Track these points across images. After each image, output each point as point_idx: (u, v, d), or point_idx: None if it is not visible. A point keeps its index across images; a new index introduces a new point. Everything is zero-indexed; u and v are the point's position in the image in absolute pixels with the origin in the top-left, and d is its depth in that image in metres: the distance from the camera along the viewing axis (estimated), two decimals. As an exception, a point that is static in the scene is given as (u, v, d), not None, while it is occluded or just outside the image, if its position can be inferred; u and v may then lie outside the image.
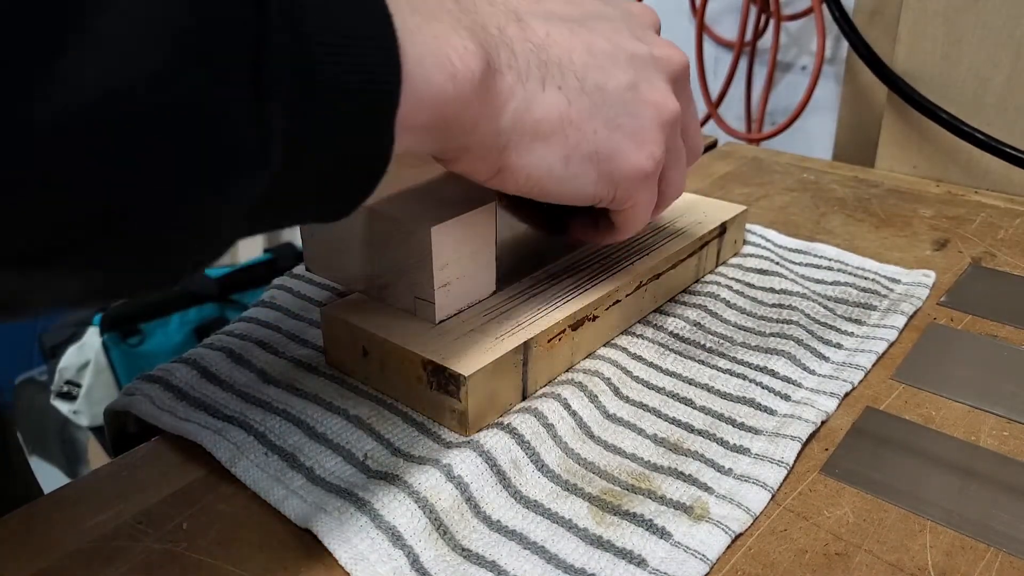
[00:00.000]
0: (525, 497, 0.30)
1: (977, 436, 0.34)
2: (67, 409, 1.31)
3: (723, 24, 1.47)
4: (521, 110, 0.27)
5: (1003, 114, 0.60)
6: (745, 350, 0.39)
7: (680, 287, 0.43)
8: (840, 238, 0.53)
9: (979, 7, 0.59)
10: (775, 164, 0.68)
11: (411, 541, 0.27)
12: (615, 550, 0.27)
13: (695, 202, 0.48)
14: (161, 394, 0.35)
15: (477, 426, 0.32)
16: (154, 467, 0.32)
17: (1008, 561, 0.28)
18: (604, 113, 0.29)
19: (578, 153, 0.29)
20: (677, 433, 0.34)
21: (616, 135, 0.30)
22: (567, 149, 0.28)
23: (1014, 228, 0.55)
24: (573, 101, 0.28)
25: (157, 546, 0.28)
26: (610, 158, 0.30)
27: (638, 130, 0.30)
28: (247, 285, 1.39)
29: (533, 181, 0.28)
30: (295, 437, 0.32)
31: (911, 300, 0.44)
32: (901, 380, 0.38)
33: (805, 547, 0.28)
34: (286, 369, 0.37)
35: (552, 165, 0.28)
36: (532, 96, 0.27)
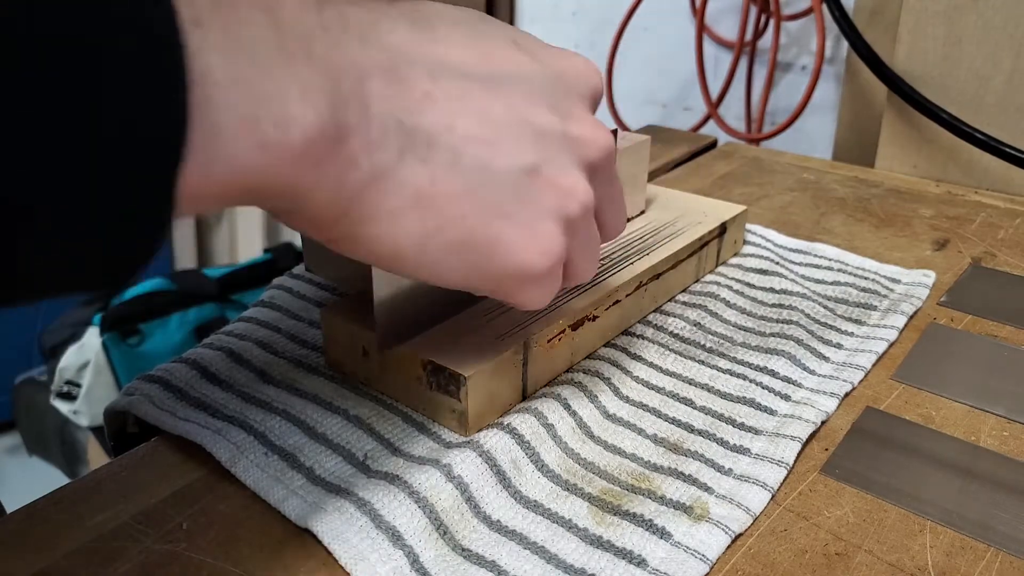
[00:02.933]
0: (525, 497, 0.30)
1: (977, 436, 0.34)
2: (67, 409, 1.31)
3: (723, 24, 1.47)
4: (370, 181, 0.22)
5: (1003, 114, 0.60)
6: (745, 350, 0.39)
7: (680, 287, 0.43)
8: (840, 238, 0.53)
9: (979, 7, 0.59)
10: (775, 164, 0.68)
11: (411, 541, 0.27)
12: (615, 550, 0.27)
13: (695, 202, 0.48)
14: (161, 394, 0.35)
15: (477, 426, 0.32)
16: (154, 467, 0.32)
17: (1008, 561, 0.28)
18: (483, 197, 0.24)
19: (438, 240, 0.24)
20: (677, 433, 0.34)
21: (497, 225, 0.25)
22: (422, 233, 0.24)
23: (1014, 228, 0.55)
24: (438, 179, 0.23)
25: (157, 546, 0.28)
26: (486, 251, 0.25)
27: (530, 222, 0.25)
28: (247, 285, 1.39)
29: (382, 259, 0.24)
30: (295, 437, 0.32)
31: (911, 300, 0.44)
32: (901, 380, 0.38)
33: (805, 547, 0.28)
34: (286, 369, 0.37)
35: (403, 247, 0.24)
36: (382, 166, 0.22)
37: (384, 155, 0.22)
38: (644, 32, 1.46)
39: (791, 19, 1.40)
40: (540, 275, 0.26)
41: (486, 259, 0.25)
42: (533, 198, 0.25)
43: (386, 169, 0.22)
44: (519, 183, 0.25)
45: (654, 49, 1.50)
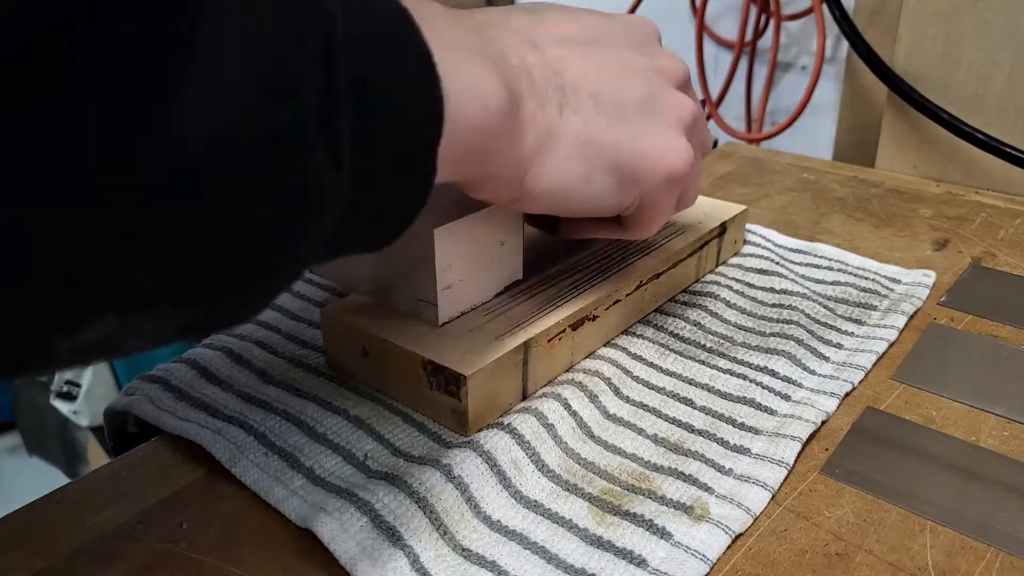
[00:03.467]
0: (525, 497, 0.30)
1: (977, 436, 0.34)
2: (67, 409, 1.31)
3: (723, 24, 1.47)
4: (542, 135, 0.28)
5: (1003, 114, 0.60)
6: (745, 350, 0.39)
7: (680, 287, 0.43)
8: (840, 238, 0.53)
9: (979, 7, 0.59)
10: (775, 164, 0.68)
11: (411, 541, 0.27)
12: (615, 550, 0.27)
13: (695, 202, 0.48)
14: (161, 394, 0.35)
15: (477, 426, 0.32)
16: (154, 467, 0.32)
17: (1008, 561, 0.28)
18: (626, 126, 0.30)
19: (601, 169, 0.29)
20: (677, 433, 0.34)
21: (642, 145, 0.30)
22: (589, 167, 0.29)
23: (1014, 228, 0.55)
24: (591, 118, 0.29)
25: (157, 546, 0.28)
26: (637, 166, 0.30)
27: (664, 137, 0.31)
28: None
29: (558, 202, 0.29)
30: (295, 437, 0.32)
31: (911, 300, 0.44)
32: (901, 380, 0.38)
33: (805, 547, 0.28)
34: (286, 369, 0.37)
35: (575, 185, 0.29)
36: (551, 121, 0.28)
37: (551, 110, 0.28)
38: (644, 32, 1.46)
39: (791, 19, 1.40)
40: (682, 175, 0.31)
41: (639, 173, 0.30)
42: (657, 118, 0.31)
43: (554, 121, 0.28)
44: (643, 109, 0.31)
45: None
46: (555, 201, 0.29)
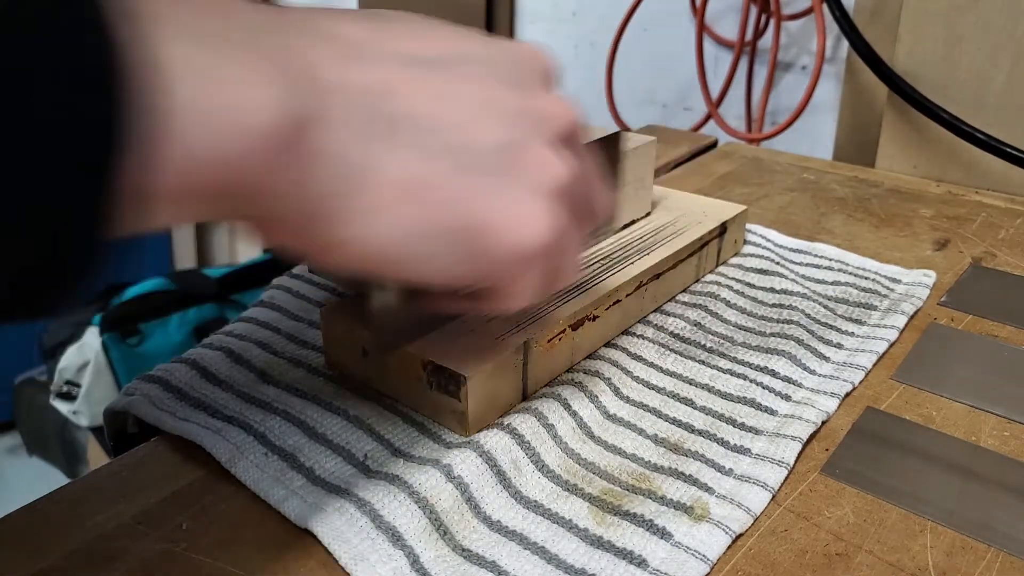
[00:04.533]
0: (525, 497, 0.30)
1: (977, 436, 0.34)
2: (67, 409, 1.31)
3: (723, 24, 1.47)
4: (348, 174, 0.21)
5: (1003, 114, 0.60)
6: (745, 350, 0.39)
7: (680, 287, 0.43)
8: (840, 238, 0.53)
9: (979, 7, 0.59)
10: (775, 164, 0.68)
11: (411, 541, 0.27)
12: (615, 550, 0.27)
13: (695, 202, 0.48)
14: (161, 394, 0.35)
15: (477, 426, 0.32)
16: (154, 467, 0.32)
17: (1008, 561, 0.28)
18: (465, 179, 0.23)
19: (434, 227, 0.23)
20: (677, 433, 0.33)
21: (486, 205, 0.23)
22: (418, 222, 0.22)
23: (1014, 228, 0.55)
24: (425, 162, 0.22)
25: (157, 546, 0.28)
26: (481, 235, 0.23)
27: (518, 200, 0.24)
28: (247, 285, 1.38)
29: (376, 260, 0.23)
30: (295, 437, 0.32)
31: (911, 300, 0.44)
32: (901, 380, 0.38)
33: (805, 547, 0.28)
34: (286, 369, 0.37)
35: (398, 242, 0.22)
36: (365, 156, 0.21)
37: (350, 145, 0.21)
38: (644, 32, 1.46)
39: (791, 19, 1.40)
40: (539, 254, 0.25)
41: (480, 243, 0.24)
42: (516, 174, 0.24)
43: (355, 161, 0.21)
44: (498, 161, 0.24)
45: (654, 49, 1.50)
46: (376, 259, 0.23)
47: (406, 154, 0.22)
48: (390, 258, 0.23)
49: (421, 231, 0.23)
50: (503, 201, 0.24)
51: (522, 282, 0.26)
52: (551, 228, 0.25)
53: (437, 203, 0.23)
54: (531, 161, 0.25)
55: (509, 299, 0.27)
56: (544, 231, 0.24)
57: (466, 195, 0.23)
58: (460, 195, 0.23)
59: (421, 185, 0.22)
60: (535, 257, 0.25)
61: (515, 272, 0.25)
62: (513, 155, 0.24)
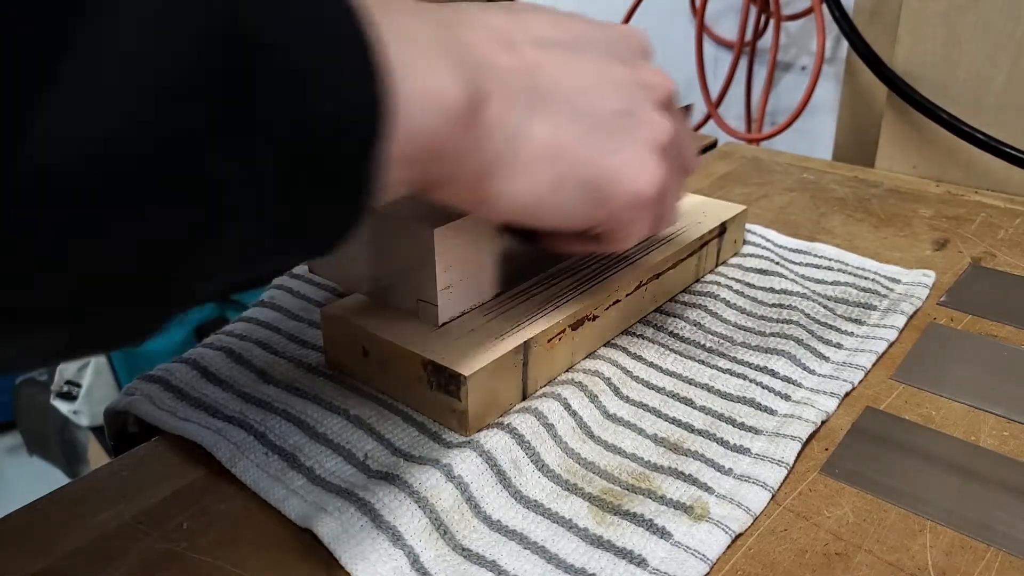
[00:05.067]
0: (525, 497, 0.30)
1: (977, 436, 0.34)
2: (67, 409, 1.31)
3: (723, 24, 1.47)
4: (508, 139, 0.26)
5: (1003, 114, 0.60)
6: (745, 350, 0.39)
7: (680, 287, 0.43)
8: (840, 238, 0.53)
9: (979, 7, 0.59)
10: (775, 164, 0.68)
11: (411, 541, 0.27)
12: (615, 550, 0.27)
13: (695, 202, 0.48)
14: (161, 394, 0.35)
15: (477, 426, 0.32)
16: (154, 467, 0.32)
17: (1008, 561, 0.28)
18: (597, 139, 0.28)
19: (569, 181, 0.28)
20: (677, 433, 0.34)
21: (611, 160, 0.28)
22: (556, 177, 0.27)
23: (1014, 228, 0.55)
24: (563, 127, 0.27)
25: (157, 546, 0.28)
26: (605, 185, 0.28)
27: (635, 155, 0.29)
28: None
29: (521, 210, 0.27)
30: (295, 437, 0.32)
31: (911, 300, 0.44)
32: (901, 380, 0.38)
33: (805, 547, 0.28)
34: (286, 369, 0.37)
35: (540, 194, 0.27)
36: (519, 124, 0.26)
37: (517, 114, 0.26)
38: (644, 32, 1.46)
39: (791, 19, 1.40)
40: (651, 200, 0.30)
41: (608, 191, 0.29)
42: (632, 135, 0.29)
43: (520, 126, 0.26)
44: (619, 123, 0.29)
45: (654, 49, 1.50)
46: (521, 209, 0.27)
47: (548, 121, 0.27)
48: (536, 207, 0.27)
49: (561, 184, 0.27)
50: (623, 156, 0.29)
51: (635, 224, 0.31)
52: (660, 177, 0.30)
53: (573, 160, 0.27)
54: (643, 122, 0.30)
55: (622, 240, 0.32)
56: (655, 180, 0.29)
57: (595, 152, 0.28)
58: (590, 153, 0.28)
59: (561, 146, 0.27)
60: (648, 202, 0.30)
61: (631, 215, 0.30)
62: (629, 118, 0.29)
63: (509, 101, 0.26)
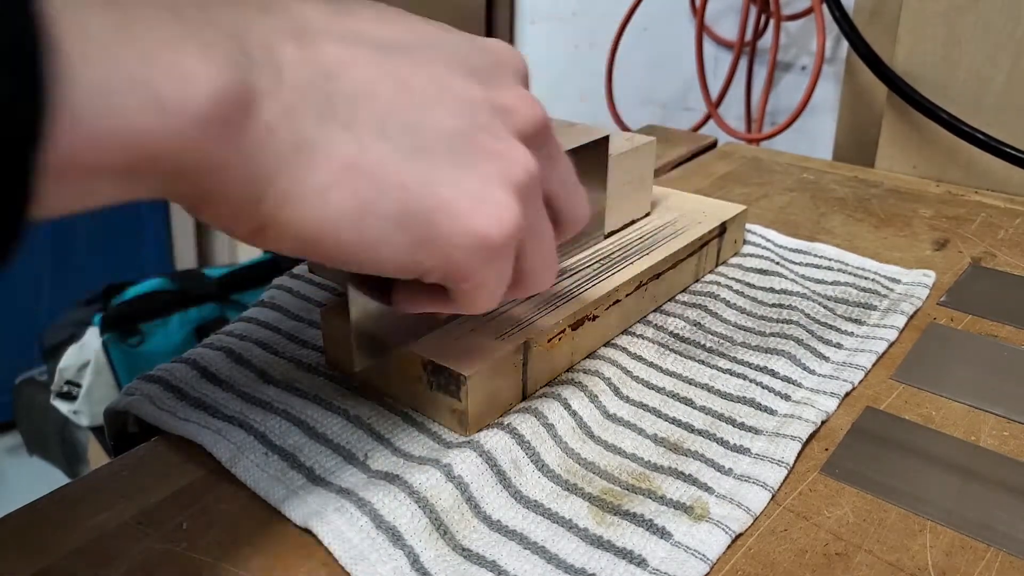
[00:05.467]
0: (525, 497, 0.30)
1: (977, 436, 0.34)
2: (67, 409, 1.31)
3: (723, 24, 1.47)
4: (292, 152, 0.21)
5: (1003, 114, 0.60)
6: (745, 350, 0.39)
7: (680, 287, 0.43)
8: (840, 238, 0.53)
9: (979, 7, 0.59)
10: (775, 164, 0.68)
11: (411, 541, 0.27)
12: (615, 550, 0.27)
13: (695, 202, 0.48)
14: (161, 394, 0.35)
15: (477, 426, 0.32)
16: (154, 467, 0.32)
17: (1008, 561, 0.28)
18: (422, 163, 0.23)
19: (377, 209, 0.22)
20: (677, 433, 0.34)
21: (441, 191, 0.23)
22: (360, 204, 0.22)
23: (1014, 228, 0.55)
24: (373, 144, 0.22)
25: (157, 546, 0.28)
26: (430, 219, 0.23)
27: (477, 188, 0.23)
28: (247, 285, 1.38)
29: (313, 243, 0.22)
30: (295, 437, 0.32)
31: (911, 300, 0.44)
32: (901, 380, 0.38)
33: (805, 547, 0.28)
34: (286, 369, 0.37)
35: (338, 223, 0.22)
36: (308, 135, 0.21)
37: (303, 122, 0.21)
38: (644, 32, 1.46)
39: (791, 19, 1.40)
40: (496, 246, 0.24)
41: (435, 228, 0.23)
42: (473, 164, 0.23)
43: (307, 138, 0.21)
44: (454, 148, 0.23)
45: (654, 49, 1.50)
46: (313, 241, 0.22)
47: (354, 134, 0.22)
48: (334, 240, 0.22)
49: (366, 213, 0.22)
50: (458, 186, 0.23)
51: (483, 277, 0.25)
52: (511, 219, 0.24)
53: (385, 185, 0.22)
54: (490, 150, 0.24)
55: (470, 296, 0.26)
56: (503, 220, 0.24)
57: (418, 178, 0.23)
58: (412, 178, 0.22)
59: (368, 165, 0.22)
60: (495, 250, 0.24)
61: (474, 264, 0.24)
62: (470, 143, 0.24)
63: (299, 104, 0.21)
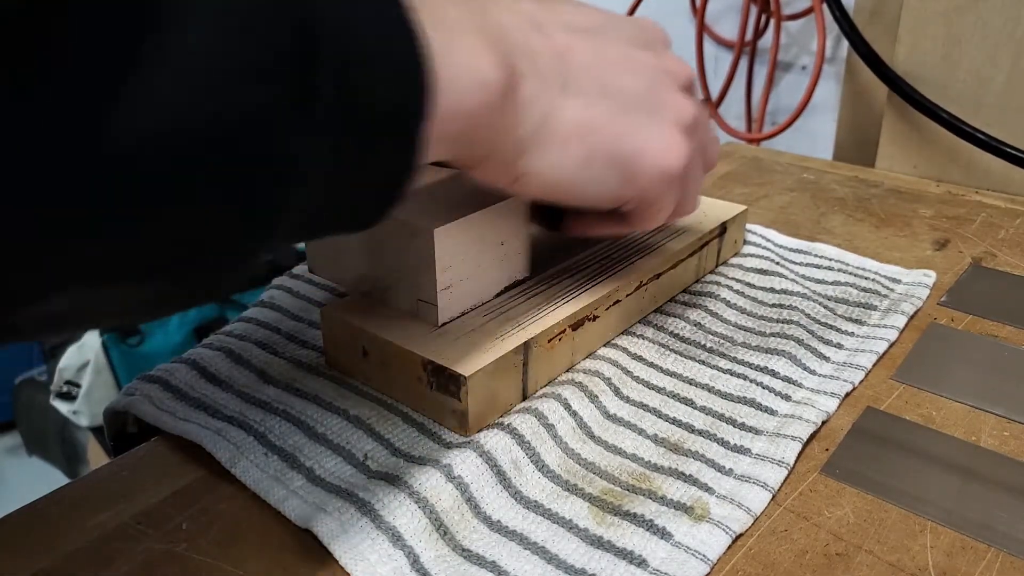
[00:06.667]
0: (525, 497, 0.30)
1: (977, 436, 0.34)
2: (67, 409, 1.31)
3: (723, 24, 1.47)
4: (541, 117, 0.27)
5: (1003, 114, 0.60)
6: (745, 350, 0.39)
7: (680, 287, 0.43)
8: (840, 238, 0.53)
9: (979, 7, 0.59)
10: (775, 164, 0.68)
11: (411, 541, 0.27)
12: (615, 550, 0.27)
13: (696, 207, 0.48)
14: (161, 394, 0.35)
15: (477, 426, 0.32)
16: (154, 467, 0.32)
17: (1009, 561, 0.28)
18: (625, 116, 0.30)
19: (599, 156, 0.29)
20: (678, 433, 0.33)
21: (639, 137, 0.30)
22: (588, 153, 0.29)
23: (1014, 228, 0.55)
24: (592, 106, 0.29)
25: (157, 546, 0.28)
26: (634, 160, 0.30)
27: (661, 132, 0.31)
28: (247, 285, 1.39)
29: (554, 186, 0.29)
30: (295, 437, 0.32)
31: (911, 300, 0.44)
32: (901, 380, 0.38)
33: (805, 547, 0.28)
34: (286, 369, 0.37)
35: (573, 169, 0.29)
36: (552, 102, 0.28)
37: (550, 93, 0.27)
38: (644, 32, 1.46)
39: (791, 19, 1.40)
40: (677, 176, 0.31)
41: (637, 166, 0.30)
42: (658, 114, 0.31)
43: (552, 105, 0.28)
44: (645, 103, 0.30)
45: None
46: (553, 186, 0.29)
47: (579, 100, 0.28)
48: (568, 184, 0.29)
49: (592, 160, 0.29)
50: (650, 133, 0.30)
51: (662, 202, 0.32)
52: (686, 155, 0.31)
53: (603, 137, 0.29)
54: (668, 102, 0.31)
55: (649, 218, 0.33)
56: (682, 156, 0.31)
57: (624, 130, 0.29)
58: (619, 130, 0.29)
59: (591, 124, 0.29)
60: (674, 179, 0.31)
61: (658, 192, 0.31)
62: (654, 98, 0.31)
63: (542, 81, 0.27)
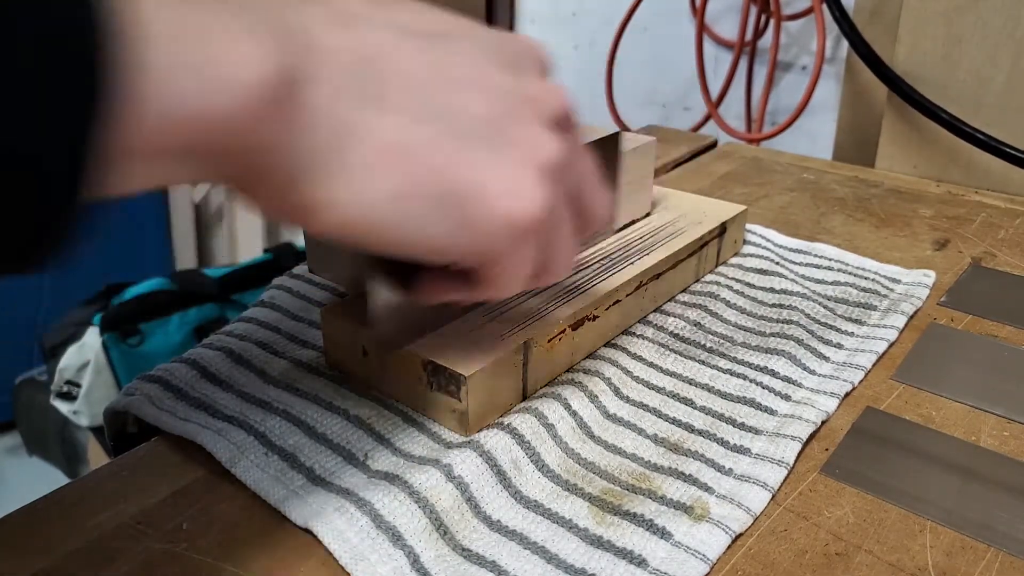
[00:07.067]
0: (525, 497, 0.30)
1: (977, 436, 0.34)
2: (67, 409, 1.31)
3: (723, 24, 1.47)
4: (335, 134, 0.21)
5: (1003, 114, 0.60)
6: (745, 350, 0.39)
7: (680, 287, 0.43)
8: (840, 238, 0.53)
9: (979, 7, 0.59)
10: (775, 164, 0.68)
11: (411, 541, 0.27)
12: (615, 550, 0.27)
13: (695, 202, 0.48)
14: (161, 394, 0.35)
15: (477, 426, 0.32)
16: (154, 467, 0.32)
17: (1008, 561, 0.28)
18: (456, 146, 0.23)
19: (419, 190, 0.22)
20: (677, 433, 0.34)
21: (476, 173, 0.23)
22: (401, 184, 0.22)
23: (1014, 228, 0.55)
24: (413, 126, 0.22)
25: (157, 546, 0.28)
26: (468, 201, 0.23)
27: (509, 171, 0.24)
28: (247, 285, 1.39)
29: (354, 224, 0.22)
30: (295, 437, 0.32)
31: (911, 300, 0.44)
32: (901, 380, 0.38)
33: (805, 547, 0.28)
34: (286, 369, 0.37)
35: (382, 203, 0.22)
36: (351, 117, 0.21)
37: (348, 104, 0.21)
38: (644, 32, 1.46)
39: (791, 19, 1.40)
40: (530, 230, 0.24)
41: (473, 210, 0.23)
42: (507, 148, 0.24)
43: (350, 120, 0.21)
44: (488, 132, 0.24)
45: (654, 49, 1.50)
46: (356, 223, 0.22)
47: (395, 117, 0.22)
48: (375, 221, 0.22)
49: (408, 194, 0.22)
50: (493, 170, 0.23)
51: (513, 261, 0.25)
52: (541, 202, 0.24)
53: (425, 167, 0.22)
54: (522, 136, 0.24)
55: (500, 280, 0.26)
56: (535, 203, 0.24)
57: (455, 161, 0.23)
58: (449, 161, 0.23)
59: (410, 148, 0.22)
60: (525, 231, 0.24)
61: (506, 248, 0.25)
62: (503, 128, 0.24)
63: (341, 88, 0.21)
